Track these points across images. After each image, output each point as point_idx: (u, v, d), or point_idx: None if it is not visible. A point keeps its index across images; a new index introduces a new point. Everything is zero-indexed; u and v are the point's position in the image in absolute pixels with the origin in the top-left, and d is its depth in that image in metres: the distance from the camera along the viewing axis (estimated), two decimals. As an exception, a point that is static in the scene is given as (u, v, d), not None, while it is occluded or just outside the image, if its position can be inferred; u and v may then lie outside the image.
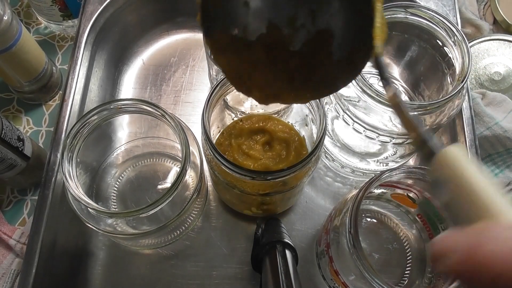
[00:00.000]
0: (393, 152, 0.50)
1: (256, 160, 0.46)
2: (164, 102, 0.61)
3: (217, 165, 0.41)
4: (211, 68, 0.54)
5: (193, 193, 0.44)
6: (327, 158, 0.56)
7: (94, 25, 0.57)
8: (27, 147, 0.51)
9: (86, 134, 0.43)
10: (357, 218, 0.36)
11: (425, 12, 0.43)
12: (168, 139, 0.55)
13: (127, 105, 0.43)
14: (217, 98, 0.43)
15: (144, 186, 0.53)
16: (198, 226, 0.53)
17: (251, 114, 0.51)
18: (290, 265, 0.42)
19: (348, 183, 0.57)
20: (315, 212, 0.54)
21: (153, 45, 0.65)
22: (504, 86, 0.62)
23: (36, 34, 0.68)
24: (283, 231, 0.47)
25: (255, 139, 0.48)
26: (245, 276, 0.51)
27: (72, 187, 0.39)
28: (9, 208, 0.56)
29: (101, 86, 0.59)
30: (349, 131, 0.47)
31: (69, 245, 0.50)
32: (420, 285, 0.46)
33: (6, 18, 0.48)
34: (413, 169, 0.39)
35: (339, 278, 0.41)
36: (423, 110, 0.40)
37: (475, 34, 0.66)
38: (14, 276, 0.52)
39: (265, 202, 0.48)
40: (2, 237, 0.53)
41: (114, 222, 0.45)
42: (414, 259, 0.48)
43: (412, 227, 0.49)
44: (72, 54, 0.55)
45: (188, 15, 0.66)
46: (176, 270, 0.51)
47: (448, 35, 0.43)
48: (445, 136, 0.56)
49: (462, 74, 0.41)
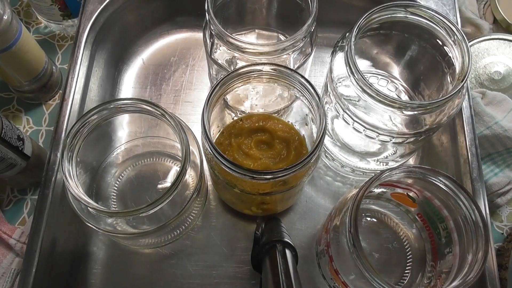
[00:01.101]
0: (393, 152, 0.50)
1: (256, 160, 0.46)
2: (164, 101, 0.61)
3: (217, 165, 0.41)
4: (211, 67, 0.54)
5: (193, 192, 0.44)
6: (327, 157, 0.56)
7: (94, 25, 0.57)
8: (27, 146, 0.51)
9: (86, 134, 0.43)
10: (357, 218, 0.36)
11: (425, 12, 0.43)
12: (168, 138, 0.55)
13: (127, 105, 0.43)
14: (217, 98, 0.43)
15: (144, 185, 0.53)
16: (198, 226, 0.53)
17: (251, 113, 0.51)
18: (290, 264, 0.42)
19: (348, 182, 0.57)
20: (315, 211, 0.54)
21: (153, 45, 0.65)
22: (504, 86, 0.62)
23: (36, 33, 0.68)
24: (283, 231, 0.47)
25: (255, 138, 0.48)
26: (245, 275, 0.51)
27: (72, 186, 0.39)
28: (9, 207, 0.56)
29: (101, 85, 0.59)
30: (349, 131, 0.47)
31: (69, 244, 0.50)
32: (420, 285, 0.46)
33: (6, 18, 0.48)
34: (413, 168, 0.39)
35: (339, 278, 0.41)
36: (423, 110, 0.40)
37: (475, 34, 0.66)
38: (14, 276, 0.52)
39: (265, 201, 0.48)
40: (2, 236, 0.53)
41: (114, 221, 0.45)
42: (414, 258, 0.48)
43: (412, 227, 0.49)
44: (72, 54, 0.55)
45: (188, 15, 0.66)
46: (176, 270, 0.51)
47: (448, 34, 0.43)
48: (445, 135, 0.56)
49: (462, 74, 0.41)
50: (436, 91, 0.48)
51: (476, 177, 0.50)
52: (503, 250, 0.54)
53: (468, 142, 0.52)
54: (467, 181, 0.50)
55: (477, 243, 0.37)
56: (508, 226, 0.58)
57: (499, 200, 0.56)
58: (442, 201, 0.41)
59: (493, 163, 0.57)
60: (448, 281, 0.38)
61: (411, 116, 0.42)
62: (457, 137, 0.53)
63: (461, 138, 0.52)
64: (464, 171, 0.51)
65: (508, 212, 0.59)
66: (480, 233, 0.37)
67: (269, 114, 0.50)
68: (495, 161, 0.57)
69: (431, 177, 0.39)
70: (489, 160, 0.57)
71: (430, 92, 0.50)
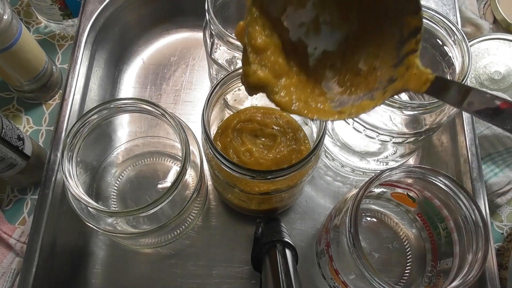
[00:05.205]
0: (393, 151, 0.50)
1: (256, 160, 0.46)
2: (164, 101, 0.61)
3: (217, 165, 0.41)
4: (211, 67, 0.54)
5: (193, 192, 0.44)
6: (327, 157, 0.56)
7: (94, 24, 0.57)
8: (27, 146, 0.51)
9: (86, 133, 0.43)
10: (357, 217, 0.36)
11: (425, 11, 0.43)
12: (168, 138, 0.55)
13: (127, 104, 0.43)
14: (217, 97, 0.43)
15: (144, 185, 0.53)
16: (198, 226, 0.53)
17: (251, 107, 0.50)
18: (290, 264, 0.42)
19: (348, 182, 0.57)
20: (315, 211, 0.54)
21: (153, 44, 0.65)
22: (504, 85, 0.62)
23: (36, 33, 0.68)
24: (283, 231, 0.47)
25: (255, 138, 0.48)
26: (245, 275, 0.51)
27: (72, 186, 0.39)
28: (9, 207, 0.56)
29: (101, 85, 0.59)
30: (349, 130, 0.47)
31: (69, 244, 0.50)
32: (420, 284, 0.46)
33: (6, 17, 0.48)
34: (413, 168, 0.39)
35: (339, 277, 0.41)
36: (423, 109, 0.40)
37: (475, 33, 0.66)
38: (14, 275, 0.52)
39: (265, 201, 0.48)
40: (2, 236, 0.53)
41: (114, 221, 0.45)
42: (414, 258, 0.48)
43: (412, 226, 0.49)
44: (72, 53, 0.55)
45: (188, 15, 0.66)
46: (176, 270, 0.51)
47: (448, 34, 0.43)
48: (445, 135, 0.56)
49: (462, 73, 0.41)
50: (436, 91, 0.48)
51: (476, 177, 0.50)
52: (503, 250, 0.54)
53: (468, 142, 0.52)
54: (467, 181, 0.50)
55: (477, 243, 0.37)
56: (508, 226, 0.58)
57: (499, 200, 0.56)
58: (442, 201, 0.41)
59: (493, 163, 0.57)
60: (448, 281, 0.38)
61: (411, 116, 0.42)
62: (457, 137, 0.53)
63: (461, 138, 0.52)
64: (464, 171, 0.51)
65: (508, 212, 0.59)
66: (480, 233, 0.37)
67: (269, 107, 0.49)
68: (495, 161, 0.57)
69: (431, 177, 0.39)
70: (489, 160, 0.57)
71: (430, 92, 0.49)
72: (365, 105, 0.31)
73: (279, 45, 0.32)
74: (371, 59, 0.33)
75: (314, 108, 0.32)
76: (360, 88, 0.32)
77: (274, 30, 0.32)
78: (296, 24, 0.33)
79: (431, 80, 0.29)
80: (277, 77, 0.31)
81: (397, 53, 0.31)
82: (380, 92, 0.31)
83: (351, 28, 0.33)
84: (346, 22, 0.33)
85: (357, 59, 0.33)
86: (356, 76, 0.33)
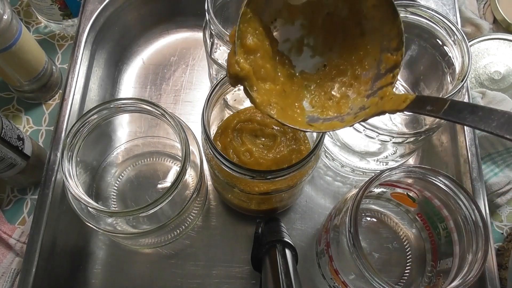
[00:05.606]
0: (393, 151, 0.50)
1: (256, 160, 0.46)
2: (164, 101, 0.61)
3: (217, 164, 0.41)
4: (211, 67, 0.54)
5: (193, 192, 0.44)
6: (327, 157, 0.56)
7: (94, 24, 0.57)
8: (27, 146, 0.51)
9: (86, 133, 0.43)
10: (357, 217, 0.36)
11: (425, 11, 0.43)
12: (168, 138, 0.55)
13: (127, 104, 0.43)
14: (217, 97, 0.43)
15: (144, 185, 0.53)
16: (198, 226, 0.53)
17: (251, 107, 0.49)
18: (290, 264, 0.42)
19: (348, 182, 0.57)
20: (315, 211, 0.54)
21: (153, 44, 0.65)
22: (504, 85, 0.62)
23: (36, 33, 0.68)
24: (283, 231, 0.47)
25: (255, 138, 0.48)
26: (245, 275, 0.51)
27: (72, 186, 0.39)
28: (9, 207, 0.56)
29: (101, 85, 0.59)
30: (349, 130, 0.47)
31: (69, 244, 0.50)
32: (420, 284, 0.46)
33: (6, 17, 0.48)
34: (413, 168, 0.39)
35: (339, 277, 0.41)
36: (423, 109, 0.40)
37: (475, 33, 0.66)
38: (14, 275, 0.52)
39: (265, 201, 0.48)
40: (2, 236, 0.53)
41: (114, 221, 0.45)
42: (414, 258, 0.48)
43: (412, 226, 0.49)
44: (72, 53, 0.55)
45: (188, 15, 0.66)
46: (176, 270, 0.51)
47: (448, 34, 0.43)
48: (445, 135, 0.56)
49: (462, 73, 0.41)
50: (436, 91, 0.48)
51: (476, 177, 0.50)
52: (503, 250, 0.54)
53: (468, 142, 0.52)
54: (467, 181, 0.50)
55: (477, 243, 0.37)
56: (508, 226, 0.58)
57: (499, 200, 0.56)
58: (442, 201, 0.41)
59: (493, 163, 0.57)
60: (448, 281, 0.38)
61: (411, 116, 0.42)
62: (457, 137, 0.53)
63: (461, 138, 0.52)
64: (464, 171, 0.51)
65: (508, 212, 0.59)
66: (480, 233, 0.37)
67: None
68: (495, 161, 0.57)
69: (431, 177, 0.39)
70: (489, 160, 0.57)
71: (430, 92, 0.49)
72: (335, 125, 0.33)
73: (269, 52, 0.34)
74: (345, 88, 0.35)
75: (289, 116, 0.34)
76: (331, 111, 0.35)
77: (265, 37, 0.33)
78: (283, 38, 0.35)
79: (411, 99, 0.30)
80: (261, 80, 0.33)
81: (372, 85, 0.33)
82: (351, 116, 0.33)
83: (331, 57, 0.35)
84: (328, 51, 0.36)
85: (332, 86, 0.35)
86: (328, 100, 0.35)
